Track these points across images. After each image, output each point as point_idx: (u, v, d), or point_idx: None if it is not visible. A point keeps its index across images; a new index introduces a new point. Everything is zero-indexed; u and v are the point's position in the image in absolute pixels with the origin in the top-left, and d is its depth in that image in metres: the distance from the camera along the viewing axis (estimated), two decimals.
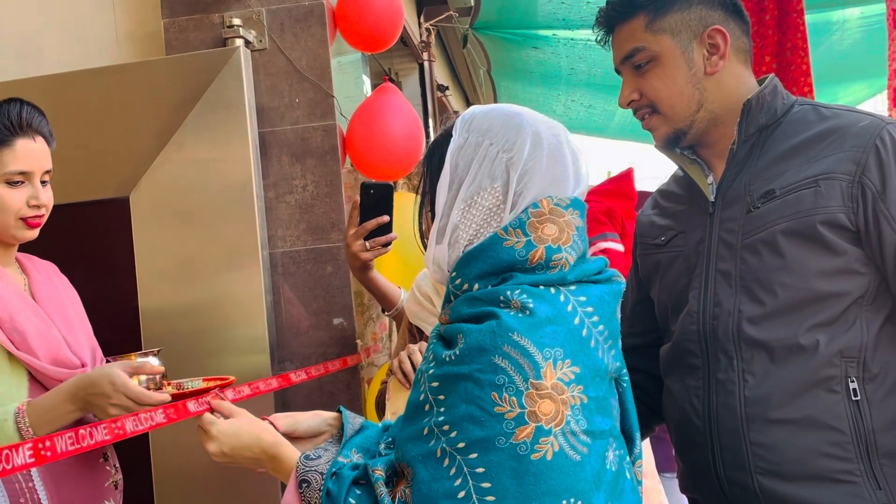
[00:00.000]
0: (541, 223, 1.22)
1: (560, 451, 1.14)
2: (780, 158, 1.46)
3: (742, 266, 1.44)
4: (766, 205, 1.43)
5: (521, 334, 1.16)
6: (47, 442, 1.15)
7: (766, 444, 1.39)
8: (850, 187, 1.38)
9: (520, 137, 1.26)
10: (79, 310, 1.98)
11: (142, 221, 2.73)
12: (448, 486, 1.14)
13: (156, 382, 1.80)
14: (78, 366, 1.83)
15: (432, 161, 1.34)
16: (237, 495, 2.67)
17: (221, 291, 2.69)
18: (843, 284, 1.39)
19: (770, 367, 1.40)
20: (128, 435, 1.33)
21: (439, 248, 1.28)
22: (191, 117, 2.69)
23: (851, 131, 1.41)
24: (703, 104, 1.50)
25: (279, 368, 2.73)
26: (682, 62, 1.50)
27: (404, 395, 2.00)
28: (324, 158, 2.76)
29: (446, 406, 1.18)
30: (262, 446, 1.36)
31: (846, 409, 1.37)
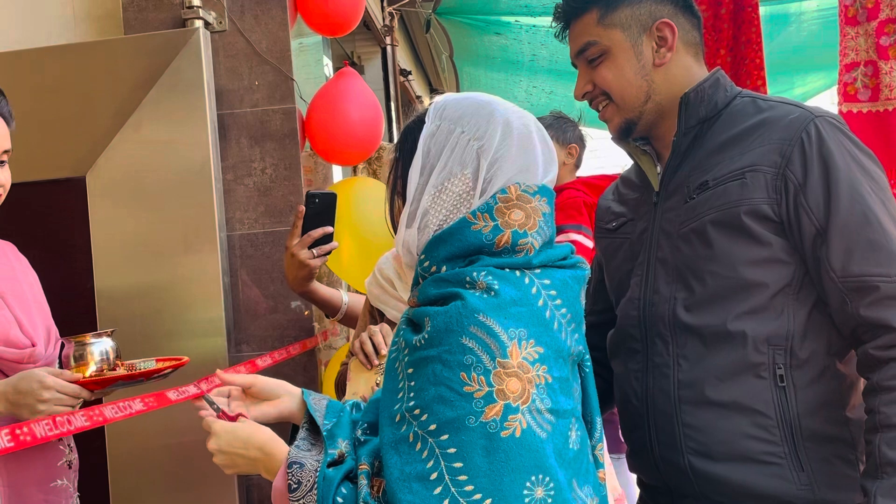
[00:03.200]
0: (508, 208, 1.26)
1: (528, 428, 1.17)
2: (717, 150, 1.50)
3: (677, 255, 1.50)
4: (700, 195, 1.48)
5: (487, 314, 1.18)
6: (25, 428, 1.15)
7: (696, 426, 1.45)
8: (774, 179, 1.43)
9: (491, 126, 1.29)
10: (36, 290, 1.97)
11: (98, 202, 2.71)
12: (420, 469, 1.16)
13: (109, 363, 1.80)
14: (28, 346, 1.82)
15: (404, 147, 1.36)
16: (191, 476, 2.68)
17: (178, 273, 2.68)
18: (768, 274, 1.44)
19: (702, 353, 1.46)
20: (108, 421, 1.33)
21: (409, 231, 1.31)
22: (149, 98, 2.67)
23: (781, 124, 1.46)
24: (651, 95, 1.54)
25: (236, 351, 2.74)
26: (632, 54, 1.54)
27: (365, 376, 2.03)
28: (283, 142, 2.76)
29: (416, 390, 1.20)
30: (257, 444, 1.34)
31: (773, 395, 1.42)
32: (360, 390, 2.01)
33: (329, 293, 2.45)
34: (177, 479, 2.69)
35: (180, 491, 2.69)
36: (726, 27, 3.20)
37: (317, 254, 2.27)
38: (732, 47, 3.22)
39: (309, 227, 2.23)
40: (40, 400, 1.65)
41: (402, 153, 1.37)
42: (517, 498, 1.15)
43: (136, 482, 2.71)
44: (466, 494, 1.14)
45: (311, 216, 2.22)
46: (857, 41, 3.17)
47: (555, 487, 1.17)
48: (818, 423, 1.42)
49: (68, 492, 1.90)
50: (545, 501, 1.16)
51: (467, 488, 1.14)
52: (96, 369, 1.78)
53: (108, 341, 1.82)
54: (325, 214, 2.23)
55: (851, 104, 3.23)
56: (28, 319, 1.86)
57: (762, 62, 3.18)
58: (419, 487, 1.15)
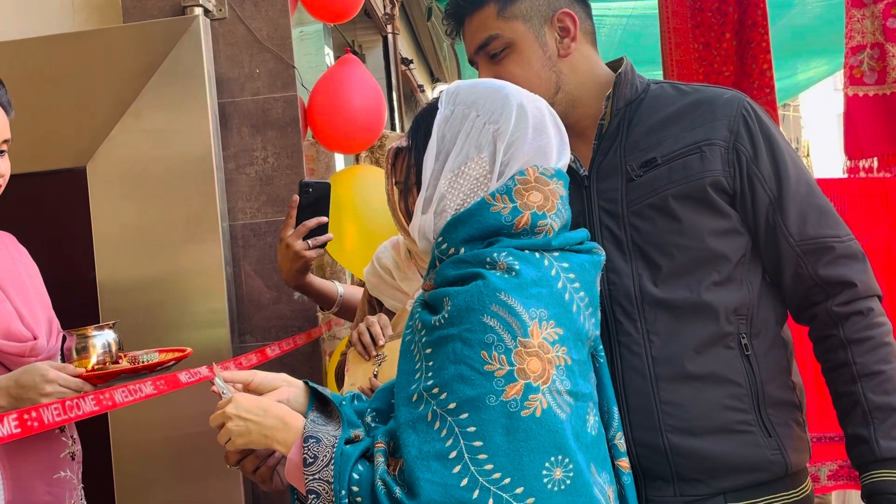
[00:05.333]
0: (527, 190, 1.27)
1: (549, 408, 1.16)
2: (652, 130, 1.51)
3: (633, 232, 1.49)
4: (649, 173, 1.49)
5: (508, 293, 1.18)
6: (33, 413, 1.13)
7: (676, 402, 1.44)
8: (726, 153, 1.47)
9: (505, 109, 1.30)
10: (37, 282, 1.96)
11: (99, 192, 2.69)
12: (439, 448, 1.15)
13: (111, 355, 1.79)
14: (29, 339, 1.81)
15: (418, 133, 1.36)
16: (196, 468, 2.66)
17: (180, 264, 2.66)
18: (729, 245, 1.47)
19: (674, 327, 1.46)
20: (117, 406, 1.31)
21: (425, 217, 1.32)
22: (149, 87, 2.65)
23: (719, 102, 1.50)
24: (561, 86, 1.55)
25: (239, 342, 2.72)
26: (537, 46, 1.54)
27: (363, 367, 2.01)
28: (284, 130, 2.74)
29: (434, 370, 1.20)
30: (276, 413, 1.32)
31: (742, 364, 1.45)
32: (359, 381, 1.99)
33: (324, 285, 2.42)
34: (182, 471, 2.68)
35: (185, 482, 2.68)
36: (731, 10, 3.16)
37: (312, 245, 2.24)
38: (738, 30, 3.19)
39: (303, 217, 2.19)
40: (43, 394, 1.63)
41: (415, 140, 1.37)
42: (536, 478, 1.14)
43: (140, 474, 2.70)
44: (486, 473, 1.13)
45: (304, 206, 2.19)
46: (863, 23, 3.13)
47: (574, 469, 1.17)
48: (775, 389, 1.47)
49: (72, 483, 1.88)
50: (564, 482, 1.16)
51: (487, 467, 1.13)
52: (98, 362, 1.76)
53: (111, 333, 1.80)
54: (319, 204, 2.20)
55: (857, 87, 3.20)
56: (29, 312, 1.84)
57: (768, 45, 3.15)
58: (438, 466, 1.14)
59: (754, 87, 3.20)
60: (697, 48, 3.28)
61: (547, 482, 1.15)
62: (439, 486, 1.13)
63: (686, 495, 1.43)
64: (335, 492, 1.20)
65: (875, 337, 1.45)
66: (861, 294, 1.46)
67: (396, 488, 1.16)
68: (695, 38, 3.27)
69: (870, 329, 1.45)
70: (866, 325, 1.45)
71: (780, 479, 1.45)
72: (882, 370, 1.43)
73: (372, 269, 2.26)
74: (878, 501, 1.39)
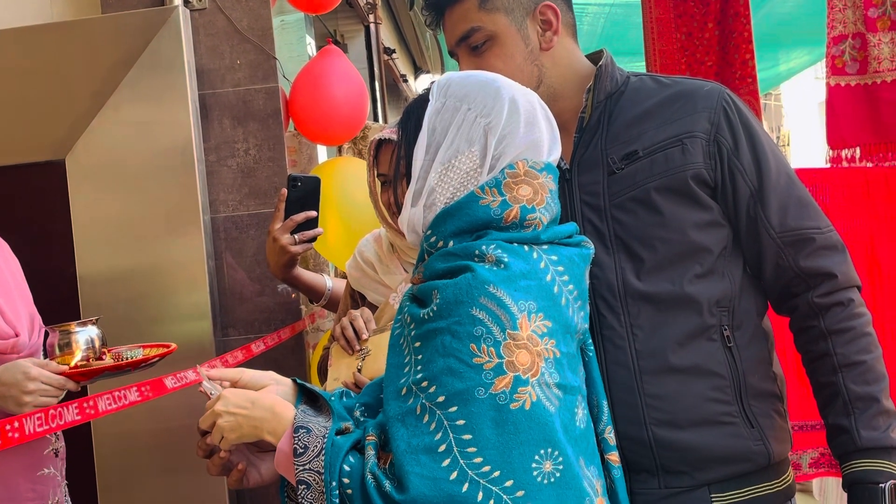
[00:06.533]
0: (516, 184, 1.26)
1: (538, 401, 1.16)
2: (633, 123, 1.51)
3: (615, 225, 1.49)
4: (631, 165, 1.48)
5: (497, 286, 1.18)
6: (16, 423, 1.11)
7: (660, 395, 1.44)
8: (707, 145, 1.46)
9: (497, 103, 1.29)
10: (18, 277, 1.93)
11: (78, 185, 2.66)
12: (428, 441, 1.15)
13: (95, 351, 1.77)
14: (11, 335, 1.78)
15: (408, 125, 1.36)
16: (179, 461, 2.65)
17: (162, 257, 2.64)
18: (711, 237, 1.47)
19: (657, 320, 1.46)
20: (101, 414, 1.29)
21: (414, 210, 1.31)
22: (128, 78, 2.62)
23: (699, 94, 1.49)
24: (543, 80, 1.54)
25: (222, 335, 2.70)
26: (519, 39, 1.53)
27: (347, 361, 2.00)
28: (266, 122, 2.72)
29: (423, 363, 1.19)
30: (264, 404, 1.30)
31: (724, 356, 1.46)
32: (342, 375, 1.98)
33: (312, 278, 2.41)
34: (165, 464, 2.66)
35: (168, 475, 2.66)
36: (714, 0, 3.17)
37: (299, 239, 2.22)
38: (720, 20, 3.20)
39: (291, 211, 2.17)
40: (25, 391, 1.61)
41: (405, 132, 1.36)
42: (526, 471, 1.14)
43: (123, 467, 2.68)
44: (475, 467, 1.13)
45: (293, 200, 2.17)
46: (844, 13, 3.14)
47: (563, 462, 1.17)
48: (757, 380, 1.48)
49: (56, 480, 1.87)
50: (553, 475, 1.16)
51: (476, 460, 1.13)
52: (82, 358, 1.74)
53: (94, 329, 1.78)
54: (308, 198, 2.18)
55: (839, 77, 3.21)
56: (10, 308, 1.82)
57: (750, 35, 3.16)
58: (427, 460, 1.14)
59: (736, 77, 3.21)
60: (680, 38, 3.28)
61: (536, 475, 1.15)
62: (429, 479, 1.13)
63: (670, 487, 1.44)
64: (326, 483, 1.19)
65: (855, 328, 1.45)
66: (841, 285, 1.47)
67: (386, 482, 1.16)
68: (677, 28, 3.27)
69: (850, 320, 1.46)
70: (847, 315, 1.46)
71: (763, 470, 1.45)
72: (862, 360, 1.44)
73: (354, 263, 2.24)
74: (859, 491, 1.40)
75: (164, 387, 1.40)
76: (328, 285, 2.43)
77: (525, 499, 1.14)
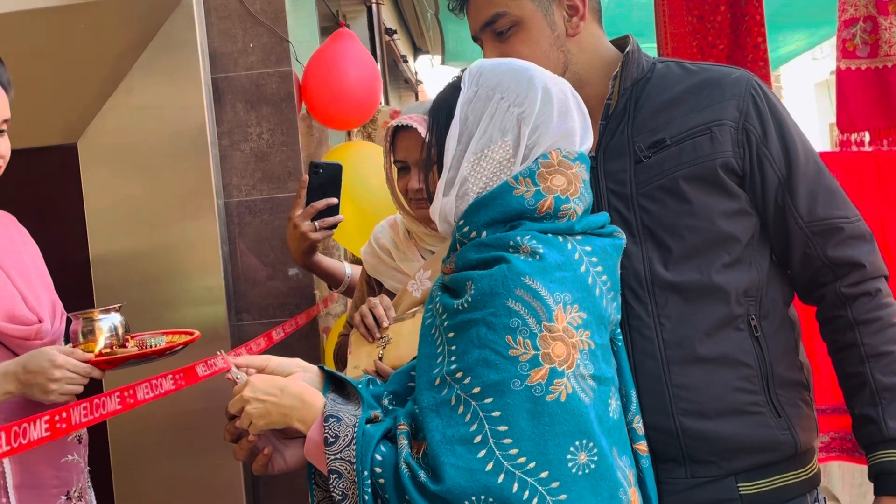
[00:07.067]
0: (550, 174, 1.27)
1: (573, 392, 1.17)
2: (661, 110, 1.49)
3: (643, 214, 1.48)
4: (658, 154, 1.47)
5: (533, 277, 1.19)
6: (63, 413, 1.11)
7: (687, 385, 1.44)
8: (736, 133, 1.45)
9: (530, 92, 1.29)
10: (39, 263, 1.92)
11: (91, 169, 2.65)
12: (463, 432, 1.16)
13: (118, 339, 1.77)
14: (35, 322, 1.78)
15: (439, 114, 1.35)
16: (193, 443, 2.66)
17: (175, 241, 2.64)
18: (739, 226, 1.47)
19: (685, 309, 1.45)
20: (139, 403, 1.30)
21: (446, 200, 1.31)
22: (140, 61, 2.61)
23: (727, 81, 1.48)
24: (569, 66, 1.53)
25: (236, 320, 2.70)
26: (545, 25, 1.51)
27: (367, 349, 2.00)
28: (279, 106, 2.70)
29: (457, 354, 1.20)
30: (293, 392, 1.31)
31: (752, 345, 1.45)
32: (363, 363, 1.98)
33: (332, 265, 2.42)
34: (180, 447, 2.67)
35: (182, 458, 2.67)
36: None
37: (319, 226, 2.22)
38: (732, 3, 3.19)
39: (312, 198, 2.17)
40: (51, 379, 1.61)
41: (436, 121, 1.35)
42: (561, 462, 1.15)
43: (137, 450, 2.69)
44: (511, 458, 1.14)
45: (314, 187, 2.17)
46: None
47: (598, 453, 1.18)
48: (783, 369, 1.47)
49: (79, 467, 1.87)
50: (588, 466, 1.17)
51: (512, 451, 1.14)
52: (105, 345, 1.74)
53: (117, 316, 1.77)
54: (329, 185, 2.18)
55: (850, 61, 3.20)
56: (32, 294, 1.81)
57: (763, 18, 3.15)
58: (463, 450, 1.15)
59: (748, 60, 3.19)
60: (691, 21, 3.26)
61: (571, 466, 1.16)
62: (464, 470, 1.14)
63: (697, 477, 1.44)
64: (357, 472, 1.20)
65: (883, 318, 1.45)
66: (869, 275, 1.46)
67: (421, 472, 1.16)
68: (689, 10, 3.25)
69: (878, 310, 1.45)
70: (874, 305, 1.45)
71: (790, 459, 1.46)
72: (890, 351, 1.44)
73: (370, 250, 2.24)
74: (885, 481, 1.41)
75: (195, 375, 1.40)
76: (347, 272, 2.43)
77: (560, 490, 1.15)
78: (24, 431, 1.06)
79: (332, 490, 1.24)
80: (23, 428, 1.06)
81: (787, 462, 1.46)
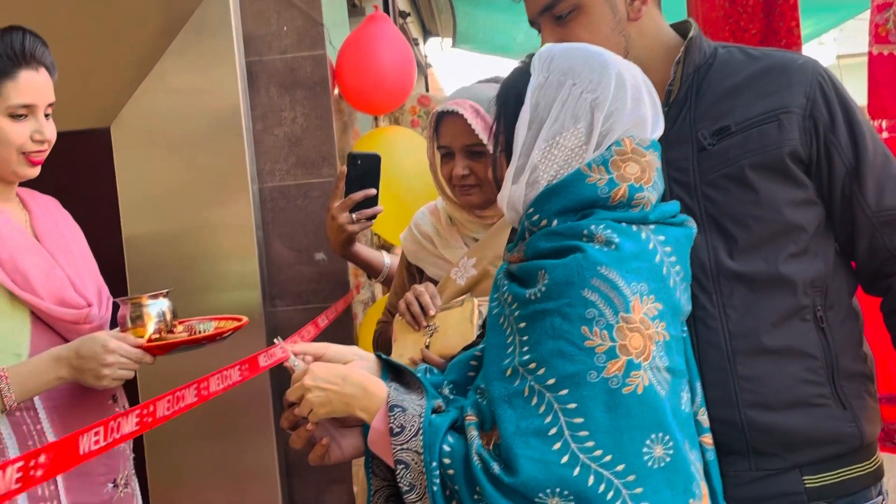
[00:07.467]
0: (623, 161, 1.25)
1: (650, 385, 1.16)
2: (723, 97, 1.47)
3: (707, 203, 1.46)
4: (723, 141, 1.45)
5: (609, 267, 1.17)
6: (151, 407, 1.10)
7: (752, 377, 1.42)
8: (803, 121, 1.43)
9: (604, 78, 1.27)
10: (82, 247, 1.91)
11: (124, 153, 2.63)
12: (538, 424, 1.14)
13: (166, 324, 1.76)
14: (84, 306, 1.77)
15: (507, 100, 1.33)
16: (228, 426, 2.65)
17: (209, 226, 2.62)
18: (806, 215, 1.45)
19: (751, 300, 1.43)
20: (212, 395, 1.29)
21: (515, 188, 1.29)
22: (174, 44, 2.59)
23: (793, 68, 1.45)
24: (629, 51, 1.50)
25: (270, 305, 2.69)
26: (606, 9, 1.48)
27: (413, 338, 1.98)
28: (314, 90, 2.68)
29: (530, 344, 1.18)
30: (355, 380, 1.30)
31: (817, 336, 1.44)
32: (408, 352, 1.96)
33: (371, 255, 2.42)
34: (213, 432, 2.66)
35: (217, 440, 2.66)
36: None
37: (356, 218, 2.21)
38: None
39: (351, 189, 2.17)
40: (104, 364, 1.60)
41: (503, 107, 1.33)
42: (637, 455, 1.14)
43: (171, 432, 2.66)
44: (587, 451, 1.13)
45: (352, 178, 2.16)
46: None
47: (674, 447, 1.17)
48: (848, 361, 1.45)
49: (125, 454, 1.87)
50: (664, 460, 1.16)
51: (588, 444, 1.13)
52: (154, 331, 1.73)
53: (165, 302, 1.76)
54: (368, 176, 2.17)
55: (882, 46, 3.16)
56: (79, 279, 1.80)
57: (796, 2, 3.11)
58: (537, 443, 1.14)
59: (781, 45, 3.15)
60: (724, 4, 3.22)
61: (647, 459, 1.15)
62: (539, 462, 1.13)
63: (762, 469, 1.43)
64: (426, 463, 1.19)
65: None
66: None
67: (494, 464, 1.15)
68: None
69: None
70: None
71: (855, 452, 1.44)
72: None
73: (410, 236, 2.22)
74: None
75: (258, 366, 1.40)
76: (386, 262, 2.43)
77: (636, 483, 1.14)
78: (119, 426, 1.05)
79: (398, 481, 1.23)
80: (117, 423, 1.05)
81: (853, 455, 1.44)
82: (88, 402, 1.76)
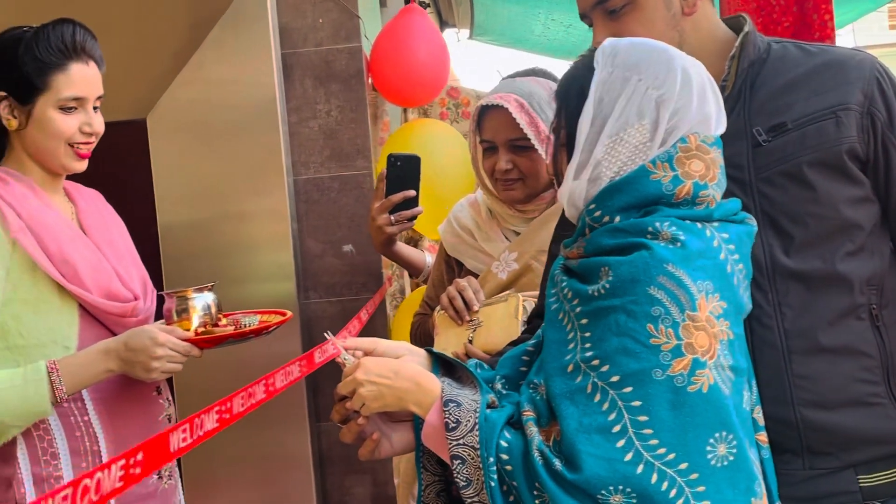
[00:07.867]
0: (688, 158, 1.24)
1: (715, 384, 1.16)
2: (780, 93, 1.46)
3: (762, 200, 1.45)
4: (780, 138, 1.44)
5: (676, 265, 1.17)
6: (228, 404, 1.11)
7: (808, 375, 1.42)
8: (861, 118, 1.41)
9: (670, 74, 1.26)
10: (127, 239, 1.92)
11: (160, 144, 2.64)
12: (601, 421, 1.14)
13: (212, 317, 1.76)
14: (130, 299, 1.78)
15: (569, 94, 1.32)
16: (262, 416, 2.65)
17: (245, 218, 2.63)
18: (863, 213, 1.44)
19: (807, 298, 1.43)
20: (279, 391, 1.30)
21: (577, 183, 1.28)
22: (211, 36, 2.58)
23: (850, 64, 1.44)
24: (682, 46, 1.47)
25: (304, 297, 2.70)
26: (661, 4, 1.47)
27: (456, 332, 1.99)
28: (349, 83, 2.68)
29: (593, 341, 1.18)
30: (407, 374, 1.30)
31: (873, 335, 1.42)
32: (451, 346, 1.97)
33: (412, 254, 2.43)
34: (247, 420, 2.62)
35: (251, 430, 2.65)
36: None
37: (395, 220, 2.22)
38: None
39: (391, 190, 2.18)
40: (154, 357, 1.61)
41: (565, 102, 1.32)
42: (700, 454, 1.14)
43: None
44: (651, 448, 1.13)
45: (392, 179, 2.17)
46: None
47: (737, 445, 1.17)
48: None
49: None
50: (727, 458, 1.16)
51: (652, 442, 1.13)
52: (199, 324, 1.74)
53: (210, 295, 1.77)
54: (408, 177, 2.18)
55: None
56: (125, 271, 1.81)
57: None
58: (601, 440, 1.14)
59: (815, 39, 3.13)
60: None
61: (710, 458, 1.15)
62: (603, 460, 1.13)
63: (816, 468, 1.42)
64: (483, 459, 1.19)
65: None
66: None
67: (556, 460, 1.15)
68: None
69: None
70: None
71: None
72: None
73: (449, 229, 2.22)
74: None
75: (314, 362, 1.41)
76: (427, 261, 2.44)
77: (699, 482, 1.14)
78: (202, 423, 1.05)
79: (455, 476, 1.23)
80: (201, 420, 1.06)
81: None
82: (134, 393, 1.77)
